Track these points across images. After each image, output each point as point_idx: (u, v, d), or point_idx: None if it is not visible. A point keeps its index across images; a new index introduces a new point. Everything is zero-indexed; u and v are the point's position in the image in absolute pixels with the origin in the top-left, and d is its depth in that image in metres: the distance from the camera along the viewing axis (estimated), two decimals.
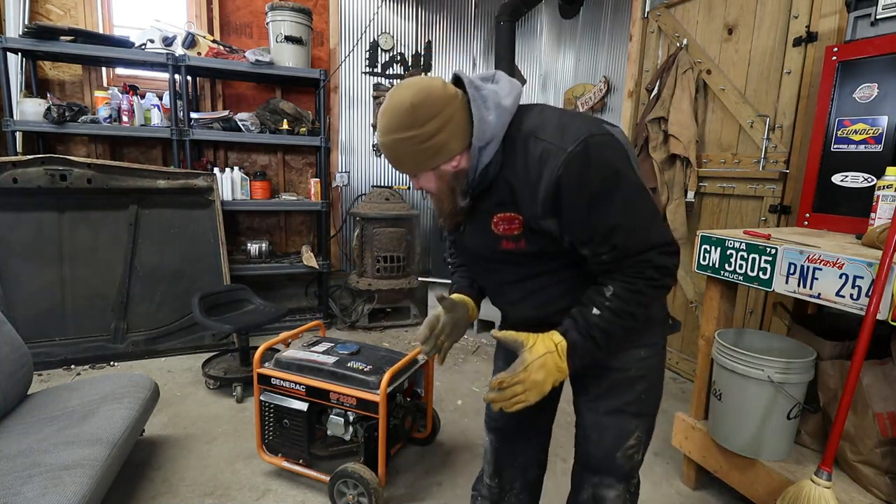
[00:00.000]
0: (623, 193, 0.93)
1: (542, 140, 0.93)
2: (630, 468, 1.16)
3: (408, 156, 0.97)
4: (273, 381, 1.90)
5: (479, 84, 0.98)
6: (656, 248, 0.95)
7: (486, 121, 0.95)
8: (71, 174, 2.82)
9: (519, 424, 1.31)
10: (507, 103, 0.96)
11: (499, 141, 0.96)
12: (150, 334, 3.10)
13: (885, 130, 1.69)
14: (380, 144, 0.99)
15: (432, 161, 0.97)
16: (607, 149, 0.93)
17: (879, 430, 1.47)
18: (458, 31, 4.42)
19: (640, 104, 3.23)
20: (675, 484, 2.02)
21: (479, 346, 3.52)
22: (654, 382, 1.14)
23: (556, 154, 0.91)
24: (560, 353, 0.99)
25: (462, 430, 2.40)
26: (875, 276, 1.24)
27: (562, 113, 1.00)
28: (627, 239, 0.93)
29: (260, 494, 1.90)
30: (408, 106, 0.92)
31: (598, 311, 0.97)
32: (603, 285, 0.98)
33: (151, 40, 3.24)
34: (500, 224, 1.02)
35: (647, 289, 0.96)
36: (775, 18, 2.41)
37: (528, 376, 0.98)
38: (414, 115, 0.92)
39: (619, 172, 0.92)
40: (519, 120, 0.98)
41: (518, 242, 1.02)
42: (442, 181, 1.00)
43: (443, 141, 0.95)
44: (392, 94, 0.95)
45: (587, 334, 0.98)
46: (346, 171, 4.18)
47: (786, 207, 2.38)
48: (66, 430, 1.60)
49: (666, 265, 0.96)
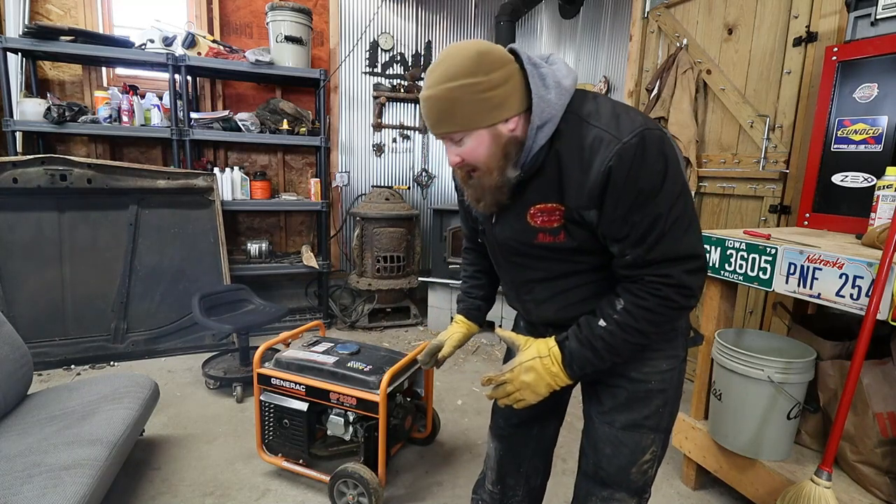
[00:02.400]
0: (667, 194, 0.87)
1: (595, 126, 0.88)
2: (644, 483, 1.10)
3: (467, 106, 0.88)
4: (273, 381, 1.90)
5: (538, 61, 0.93)
6: (682, 263, 0.89)
7: (545, 99, 0.89)
8: (71, 174, 2.82)
9: (525, 434, 1.29)
10: (566, 84, 0.91)
11: (556, 122, 0.90)
12: (150, 334, 3.10)
13: (885, 130, 1.69)
14: (430, 98, 0.90)
15: (492, 115, 0.89)
16: (663, 145, 0.88)
17: (879, 430, 1.47)
18: (458, 31, 4.42)
19: (640, 104, 3.23)
20: (675, 484, 2.02)
21: (479, 346, 3.52)
22: (672, 396, 1.09)
23: (609, 143, 0.86)
24: (553, 359, 0.98)
25: (462, 430, 2.39)
26: (875, 276, 1.24)
27: (615, 102, 0.95)
28: (657, 242, 0.88)
29: (260, 494, 1.90)
30: (474, 53, 0.86)
31: (605, 322, 0.94)
32: (617, 296, 0.94)
33: (151, 40, 3.24)
34: (537, 215, 0.96)
35: (660, 308, 0.90)
36: (775, 18, 2.40)
37: (516, 377, 0.99)
38: (480, 62, 0.86)
39: (669, 171, 0.87)
40: (574, 104, 0.92)
41: (557, 235, 0.96)
42: (496, 144, 0.91)
43: (506, 94, 0.88)
44: (450, 48, 0.90)
45: (588, 344, 0.95)
46: (346, 171, 4.18)
47: (786, 207, 2.37)
48: (66, 430, 1.60)
49: (688, 285, 0.90)
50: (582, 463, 1.17)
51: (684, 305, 0.92)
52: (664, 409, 1.07)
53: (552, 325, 1.10)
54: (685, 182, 0.91)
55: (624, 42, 3.43)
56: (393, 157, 4.38)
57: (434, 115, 0.91)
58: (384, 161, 4.35)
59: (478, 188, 0.98)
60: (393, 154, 4.37)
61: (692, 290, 0.90)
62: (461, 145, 0.93)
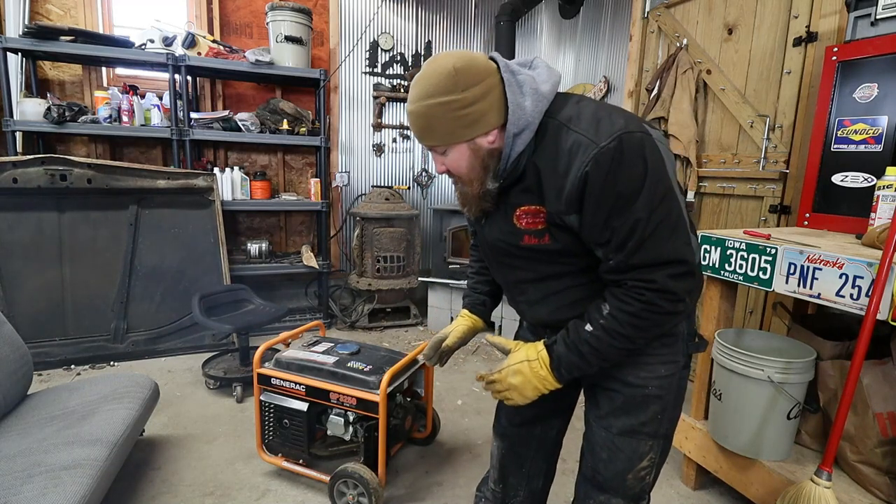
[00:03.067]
0: (648, 198, 0.85)
1: (574, 131, 0.88)
2: (641, 489, 1.09)
3: (444, 123, 0.90)
4: (273, 381, 1.90)
5: (516, 68, 0.93)
6: (666, 268, 0.87)
7: (521, 106, 0.90)
8: (71, 174, 2.82)
9: (528, 433, 1.29)
10: (544, 90, 0.91)
11: (534, 129, 0.91)
12: (150, 334, 3.10)
13: (885, 130, 1.69)
14: (412, 113, 0.93)
15: (469, 131, 0.91)
16: (642, 148, 0.86)
17: (879, 430, 1.47)
18: (458, 31, 4.42)
19: (640, 104, 3.23)
20: (675, 484, 2.02)
21: (479, 346, 3.52)
22: (672, 402, 1.06)
23: (586, 147, 0.85)
24: (542, 363, 0.99)
25: (462, 430, 2.39)
26: (875, 276, 1.24)
27: (599, 105, 0.93)
28: (638, 247, 0.87)
29: (260, 494, 1.90)
30: (451, 69, 0.87)
31: (592, 327, 0.94)
32: (603, 301, 0.94)
33: (151, 40, 3.24)
34: (523, 217, 0.97)
35: (644, 313, 0.89)
36: (775, 18, 2.40)
37: (503, 378, 1.02)
38: (456, 80, 0.87)
39: (649, 175, 0.86)
40: (554, 108, 0.92)
41: (542, 238, 0.97)
42: (476, 157, 0.94)
43: (483, 110, 0.90)
44: (430, 61, 0.91)
45: (575, 349, 0.95)
46: (346, 171, 4.18)
47: (786, 207, 2.37)
48: (66, 430, 1.60)
49: (673, 290, 0.87)
50: (581, 465, 1.17)
51: (670, 311, 0.90)
52: (663, 415, 1.05)
53: (547, 326, 1.10)
54: (670, 185, 0.89)
55: (624, 42, 3.43)
56: (393, 157, 4.38)
57: (416, 129, 0.95)
58: (384, 161, 4.35)
59: (463, 195, 1.02)
60: (393, 154, 4.37)
61: (677, 295, 0.88)
62: (445, 156, 0.97)
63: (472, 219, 1.13)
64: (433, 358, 1.30)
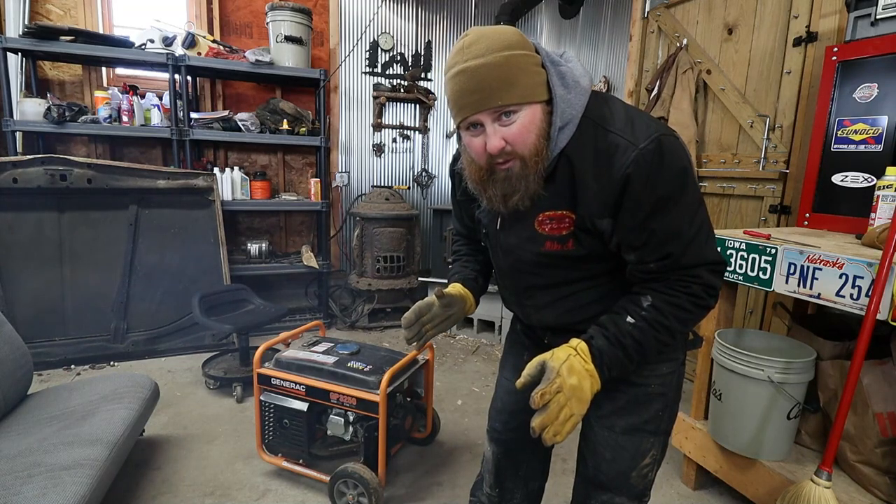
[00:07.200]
0: (688, 200, 0.85)
1: (611, 131, 0.85)
2: (644, 486, 1.09)
3: (528, 75, 0.82)
4: (273, 381, 1.90)
5: (556, 59, 0.88)
6: (709, 265, 0.88)
7: (566, 99, 0.85)
8: (71, 174, 2.82)
9: (523, 437, 1.26)
10: (584, 84, 0.87)
11: (575, 124, 0.86)
12: (150, 334, 3.10)
13: (885, 130, 1.69)
14: (480, 67, 0.80)
15: (544, 91, 0.84)
16: (680, 150, 0.85)
17: (879, 430, 1.47)
18: (458, 31, 4.42)
19: (640, 104, 3.23)
20: (675, 484, 2.02)
21: (479, 346, 3.52)
22: (672, 399, 1.07)
23: (625, 149, 0.82)
24: (583, 356, 0.88)
25: (462, 430, 2.39)
26: (875, 276, 1.24)
27: (624, 104, 0.91)
28: (684, 250, 0.86)
29: (260, 494, 1.90)
30: (516, 31, 0.83)
31: (633, 319, 0.89)
32: (640, 295, 0.91)
33: (151, 40, 3.24)
34: (546, 223, 0.93)
35: (689, 305, 0.88)
36: (775, 18, 2.40)
37: (564, 381, 0.85)
38: (524, 39, 0.84)
39: (688, 178, 0.85)
40: (588, 106, 0.88)
41: (565, 243, 0.93)
42: (544, 124, 0.86)
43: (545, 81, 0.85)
44: (483, 28, 0.84)
45: (617, 342, 0.89)
46: (346, 171, 4.18)
47: (786, 207, 2.37)
48: (66, 431, 1.60)
49: (714, 285, 0.89)
50: (580, 467, 1.15)
51: (709, 305, 0.91)
52: (664, 412, 1.06)
53: (551, 329, 1.09)
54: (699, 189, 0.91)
55: (624, 42, 3.43)
56: (393, 157, 4.38)
57: (488, 83, 0.80)
58: (384, 161, 4.35)
59: (510, 181, 0.88)
60: (393, 154, 4.37)
61: (716, 290, 0.91)
62: (509, 125, 0.84)
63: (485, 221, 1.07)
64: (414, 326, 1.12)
